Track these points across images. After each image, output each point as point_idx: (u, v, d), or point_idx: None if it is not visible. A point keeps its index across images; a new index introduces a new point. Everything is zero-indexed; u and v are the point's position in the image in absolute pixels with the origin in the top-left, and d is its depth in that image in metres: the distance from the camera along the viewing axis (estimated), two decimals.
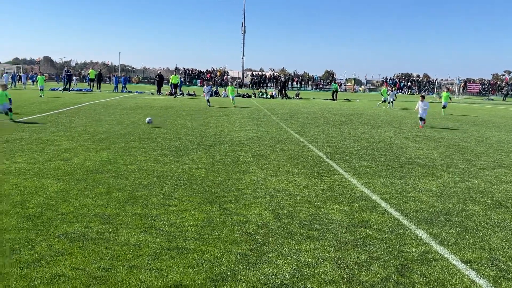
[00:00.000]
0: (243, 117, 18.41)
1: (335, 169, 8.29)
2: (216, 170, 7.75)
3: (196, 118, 17.09)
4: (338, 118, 19.81)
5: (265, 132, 13.37)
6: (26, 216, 4.98)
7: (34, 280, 3.50)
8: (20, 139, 10.14)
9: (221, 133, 12.84)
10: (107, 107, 20.71)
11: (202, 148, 10.05)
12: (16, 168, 7.23)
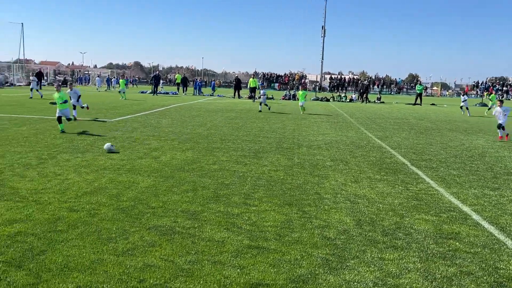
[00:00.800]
0: (321, 120, 18.24)
1: (421, 177, 7.88)
2: (294, 173, 7.77)
3: (274, 121, 17.27)
4: (423, 123, 18.81)
5: (345, 137, 13.12)
6: (121, 209, 5.40)
7: (128, 268, 3.79)
8: (115, 138, 11.02)
9: (299, 136, 12.85)
10: (191, 110, 21.73)
11: (281, 150, 10.14)
12: (111, 164, 7.88)
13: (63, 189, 6.14)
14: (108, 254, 4.05)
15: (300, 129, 14.68)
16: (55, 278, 3.53)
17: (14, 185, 6.22)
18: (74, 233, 4.52)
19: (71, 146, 9.59)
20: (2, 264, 3.74)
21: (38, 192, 5.94)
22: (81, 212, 5.19)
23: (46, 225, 4.70)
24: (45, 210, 5.20)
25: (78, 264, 3.81)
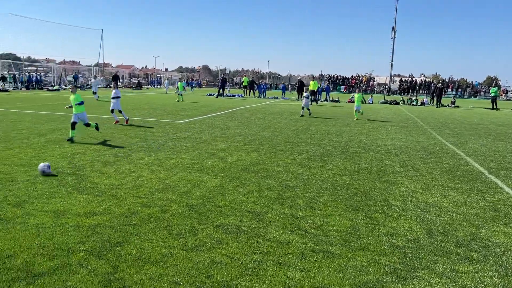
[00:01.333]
0: (390, 124, 17.62)
1: (500, 186, 7.34)
2: (361, 178, 7.59)
3: (340, 124, 16.98)
4: (503, 129, 17.48)
5: (415, 142, 12.57)
6: (190, 206, 5.62)
7: (197, 263, 3.94)
8: (185, 138, 11.48)
9: (366, 140, 12.52)
10: (256, 112, 22.01)
11: (347, 154, 9.95)
12: (181, 164, 8.22)
13: (137, 185, 6.52)
14: (178, 249, 4.24)
15: (368, 133, 14.30)
16: (130, 269, 3.76)
17: (94, 180, 6.71)
18: (147, 227, 4.79)
19: (144, 145, 10.14)
20: (84, 252, 4.05)
21: (115, 187, 6.35)
22: (153, 207, 5.48)
23: (122, 219, 5.02)
24: (121, 204, 5.55)
25: (150, 256, 4.03)
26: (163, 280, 3.59)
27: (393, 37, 66.19)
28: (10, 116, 15.42)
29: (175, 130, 13.11)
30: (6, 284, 3.40)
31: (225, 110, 22.26)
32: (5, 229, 4.53)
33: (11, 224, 4.67)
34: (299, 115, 19.96)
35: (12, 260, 3.83)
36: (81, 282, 3.49)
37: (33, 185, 6.25)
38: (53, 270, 3.67)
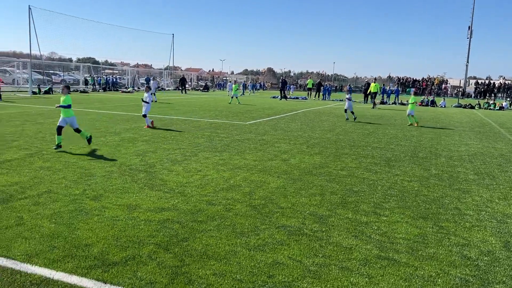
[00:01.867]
0: (463, 129, 16.60)
1: None
2: (431, 185, 7.24)
3: (408, 128, 16.30)
4: None
5: (492, 148, 11.73)
6: (253, 206, 5.71)
7: (259, 262, 4.00)
8: (248, 139, 11.67)
9: (437, 145, 11.90)
10: (320, 114, 21.80)
11: (415, 160, 9.53)
12: (245, 164, 8.36)
13: (203, 184, 6.74)
14: (241, 247, 4.33)
15: (439, 138, 13.59)
16: (196, 264, 3.91)
17: (163, 177, 7.04)
18: (212, 224, 4.94)
19: (210, 146, 10.45)
20: (153, 245, 4.27)
21: (182, 185, 6.62)
22: (218, 206, 5.64)
23: (189, 215, 5.22)
24: (188, 201, 5.78)
25: (215, 253, 4.15)
26: (226, 277, 3.69)
27: (469, 37, 62.41)
28: (89, 115, 16.62)
29: (239, 132, 13.36)
30: (84, 271, 3.68)
31: (289, 112, 22.29)
32: (84, 220, 4.90)
33: (89, 216, 5.04)
34: (365, 120, 19.44)
35: (89, 249, 4.13)
36: (150, 273, 3.69)
37: (109, 180, 6.70)
38: (125, 260, 3.92)
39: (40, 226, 4.63)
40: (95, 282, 3.48)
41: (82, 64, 50.97)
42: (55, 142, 9.88)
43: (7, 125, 12.71)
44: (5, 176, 6.65)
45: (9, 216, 4.88)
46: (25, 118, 14.87)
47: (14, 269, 3.64)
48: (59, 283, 3.44)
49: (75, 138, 10.19)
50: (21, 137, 10.43)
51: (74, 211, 5.18)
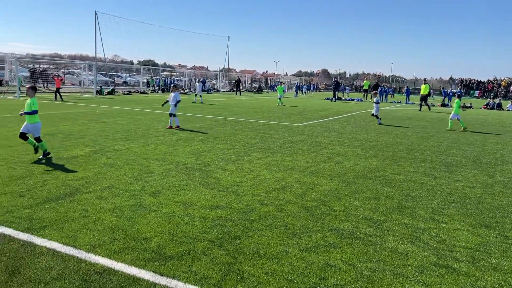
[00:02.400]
0: None
1: None
2: (495, 192, 6.83)
3: (471, 132, 15.44)
4: None
5: None
6: (305, 207, 5.69)
7: (311, 264, 3.98)
8: (301, 141, 11.63)
9: (503, 151, 11.19)
10: None
11: (479, 166, 9.02)
12: (297, 166, 8.34)
13: (255, 184, 6.81)
14: (292, 247, 4.33)
15: (505, 143, 12.77)
16: (248, 262, 3.96)
17: (217, 176, 7.20)
18: (264, 224, 4.98)
19: (263, 146, 10.53)
20: (207, 242, 4.39)
21: (235, 184, 6.73)
22: (270, 206, 5.68)
23: (241, 214, 5.30)
24: (241, 200, 5.87)
25: (266, 252, 4.19)
26: (277, 276, 3.71)
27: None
28: (149, 116, 17.35)
29: (292, 133, 13.34)
30: (142, 263, 3.86)
31: (343, 114, 21.92)
32: (143, 214, 5.13)
33: (147, 211, 5.27)
34: (425, 123, 18.68)
35: (148, 242, 4.32)
36: (204, 268, 3.79)
37: (166, 177, 6.95)
38: (180, 255, 4.06)
39: (102, 219, 4.91)
40: (152, 274, 3.64)
41: (143, 66, 53.28)
42: (116, 141, 10.42)
43: (74, 123, 13.58)
44: (72, 171, 7.11)
45: (75, 209, 5.22)
46: (90, 117, 15.81)
47: (79, 258, 3.89)
48: (119, 273, 3.63)
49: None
50: (86, 135, 11.10)
51: (134, 206, 5.44)
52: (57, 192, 5.85)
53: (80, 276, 3.55)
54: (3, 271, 3.58)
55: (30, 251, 3.97)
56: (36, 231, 4.46)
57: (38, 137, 8.02)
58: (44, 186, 6.13)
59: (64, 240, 4.26)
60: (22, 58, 36.76)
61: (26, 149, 8.78)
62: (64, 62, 50.61)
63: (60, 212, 5.08)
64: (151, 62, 67.90)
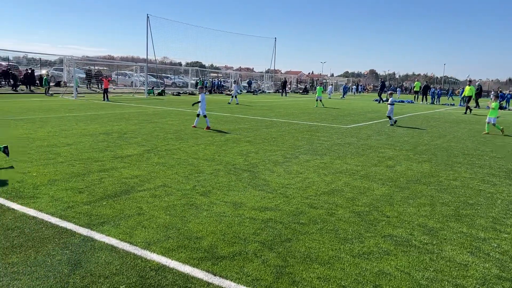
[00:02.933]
0: None
1: None
2: None
3: None
4: None
5: None
6: (356, 212, 5.57)
7: (364, 271, 3.88)
8: (350, 144, 11.41)
9: None
10: (428, 119, 20.46)
11: None
12: (347, 169, 8.19)
13: (304, 186, 6.76)
14: (344, 253, 4.25)
15: None
16: (299, 265, 3.93)
17: (266, 177, 7.21)
18: (314, 228, 4.92)
19: (310, 149, 10.44)
20: (258, 243, 4.40)
21: (284, 186, 6.71)
22: (320, 209, 5.61)
23: (291, 217, 5.27)
24: (290, 203, 5.84)
25: (318, 257, 4.14)
26: (330, 282, 3.65)
27: None
28: None
29: (340, 135, 13.13)
30: (195, 261, 3.92)
31: (394, 117, 21.29)
32: (194, 214, 5.23)
33: (198, 210, 5.37)
34: (480, 126, 17.76)
35: (200, 241, 4.40)
36: (256, 270, 3.80)
37: (216, 177, 7.06)
38: (232, 255, 4.09)
39: (156, 217, 5.05)
40: (205, 274, 3.70)
41: (191, 68, 54.48)
42: (167, 141, 10.72)
43: (127, 123, 14.11)
44: (127, 169, 7.38)
45: (131, 206, 5.41)
46: (142, 117, 16.36)
47: (136, 254, 4.02)
48: (174, 271, 3.72)
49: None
50: (139, 135, 11.50)
51: (186, 205, 5.56)
52: (113, 190, 6.09)
53: (136, 272, 3.67)
54: (66, 263, 3.77)
55: (90, 246, 4.16)
56: (95, 226, 4.66)
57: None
58: (101, 183, 6.40)
59: (121, 236, 4.43)
60: (79, 60, 38.70)
61: (83, 147, 9.23)
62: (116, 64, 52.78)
63: (117, 209, 5.29)
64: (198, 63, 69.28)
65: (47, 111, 17.31)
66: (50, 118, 14.70)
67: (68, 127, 12.60)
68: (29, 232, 4.42)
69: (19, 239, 4.25)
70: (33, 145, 9.32)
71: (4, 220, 4.72)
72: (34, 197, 5.59)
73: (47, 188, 6.03)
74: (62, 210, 5.14)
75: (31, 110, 17.49)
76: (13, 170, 6.99)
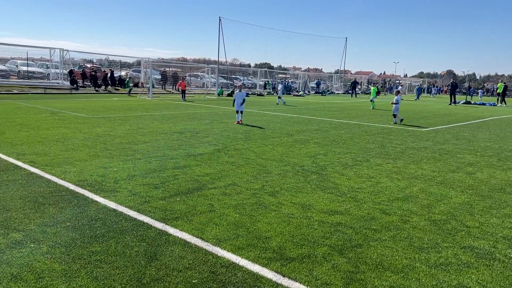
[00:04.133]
0: None
1: None
2: None
3: None
4: None
5: None
6: (432, 220, 5.27)
7: (441, 282, 3.66)
8: (425, 148, 10.84)
9: None
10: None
11: None
12: (422, 174, 7.79)
13: (376, 191, 6.53)
14: (420, 263, 4.04)
15: None
16: (370, 272, 3.80)
17: (335, 180, 7.07)
18: (387, 234, 4.73)
19: (382, 152, 10.07)
20: (327, 247, 4.32)
21: (354, 190, 6.54)
22: (393, 216, 5.38)
23: (362, 222, 5.12)
24: (360, 207, 5.67)
25: (391, 265, 3.97)
26: None
27: None
28: (266, 117, 17.86)
29: (414, 139, 12.53)
30: (264, 261, 3.95)
31: (473, 120, 19.93)
32: (263, 213, 5.27)
33: (267, 210, 5.40)
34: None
35: (269, 241, 4.42)
36: (325, 274, 3.74)
37: (283, 178, 7.06)
38: (301, 257, 4.06)
39: (227, 215, 5.16)
40: (274, 274, 3.70)
41: (259, 69, 55.12)
42: (237, 141, 10.92)
43: (199, 123, 14.60)
44: (199, 167, 7.63)
45: (202, 203, 5.59)
46: (213, 117, 16.85)
47: (207, 250, 4.14)
48: (243, 269, 3.77)
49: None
50: (210, 134, 11.84)
51: (255, 204, 5.62)
52: (186, 186, 6.32)
53: (208, 268, 3.77)
54: (143, 255, 3.98)
55: (165, 240, 4.35)
56: (169, 221, 4.87)
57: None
58: (175, 180, 6.68)
59: (193, 232, 4.58)
60: (155, 62, 40.73)
61: (159, 145, 9.70)
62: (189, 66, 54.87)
63: (189, 205, 5.48)
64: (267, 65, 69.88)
65: (125, 110, 18.45)
66: (128, 117, 15.64)
67: (145, 125, 13.31)
68: (110, 224, 4.73)
69: (101, 229, 4.56)
70: (113, 142, 9.98)
71: (88, 211, 5.10)
72: (114, 190, 5.98)
73: (126, 182, 6.41)
74: (139, 204, 5.44)
75: (111, 109, 18.75)
76: (97, 165, 7.53)
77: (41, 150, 8.58)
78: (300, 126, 14.88)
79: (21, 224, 4.61)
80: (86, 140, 10.02)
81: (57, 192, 5.81)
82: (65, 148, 8.90)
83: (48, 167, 7.19)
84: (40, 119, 13.86)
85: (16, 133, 8.43)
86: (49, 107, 18.35)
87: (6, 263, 3.71)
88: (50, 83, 33.74)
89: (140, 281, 3.50)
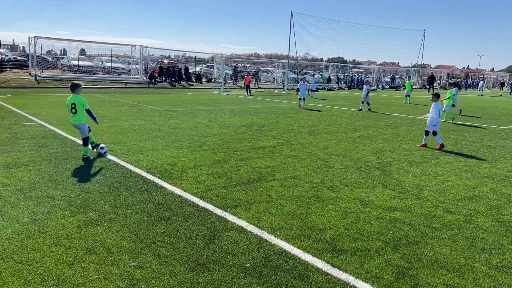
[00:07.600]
0: None
1: None
2: None
3: None
4: None
5: None
6: (501, 222, 4.98)
7: (500, 285, 3.50)
8: (504, 146, 10.12)
9: None
10: None
11: None
12: (496, 174, 7.32)
13: (441, 189, 6.28)
14: (479, 263, 3.88)
15: None
16: (424, 269, 3.73)
17: (399, 177, 6.90)
18: (447, 233, 4.58)
19: (455, 149, 9.58)
20: (382, 242, 4.29)
21: (418, 187, 6.34)
22: (456, 215, 5.17)
23: (422, 219, 4.99)
24: (423, 205, 5.51)
25: (447, 263, 3.86)
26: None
27: None
28: (332, 112, 17.67)
29: (492, 137, 11.72)
30: (316, 251, 4.04)
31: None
32: (320, 206, 5.34)
33: (324, 204, 5.45)
34: None
35: (322, 233, 4.49)
36: (376, 268, 3.74)
37: (345, 173, 7.03)
38: (353, 250, 4.09)
39: (283, 206, 5.31)
40: (325, 264, 3.78)
41: (331, 63, 54.28)
42: (301, 135, 11.00)
43: (265, 117, 14.86)
44: (261, 159, 7.84)
45: (261, 193, 5.78)
46: (279, 112, 17.03)
47: (261, 238, 4.32)
48: (295, 258, 3.90)
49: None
50: (275, 128, 12.04)
51: (312, 197, 5.70)
52: (247, 177, 6.57)
53: (261, 254, 3.95)
54: (202, 238, 4.26)
55: (223, 226, 4.60)
56: (229, 209, 5.13)
57: (86, 137, 7.48)
58: (237, 170, 6.95)
59: (250, 220, 4.78)
60: (228, 57, 41.86)
61: (225, 137, 10.08)
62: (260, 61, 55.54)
63: (249, 195, 5.70)
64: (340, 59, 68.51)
65: (197, 104, 19.27)
66: (199, 111, 16.35)
67: (214, 119, 13.85)
68: (174, 208, 5.09)
69: (166, 213, 4.93)
70: (184, 133, 10.55)
71: (156, 196, 5.52)
72: (181, 178, 6.38)
73: (192, 171, 6.81)
74: (203, 192, 5.77)
75: (184, 103, 19.69)
76: (168, 154, 8.04)
77: (119, 140, 9.35)
78: (368, 121, 14.54)
79: (97, 205, 5.13)
80: (160, 132, 10.70)
81: (130, 178, 6.35)
82: (140, 139, 9.61)
83: (124, 155, 7.83)
84: (120, 112, 15.00)
85: (99, 124, 9.25)
86: (129, 101, 19.74)
87: (83, 238, 4.18)
88: (130, 78, 36.12)
89: (197, 261, 3.77)
